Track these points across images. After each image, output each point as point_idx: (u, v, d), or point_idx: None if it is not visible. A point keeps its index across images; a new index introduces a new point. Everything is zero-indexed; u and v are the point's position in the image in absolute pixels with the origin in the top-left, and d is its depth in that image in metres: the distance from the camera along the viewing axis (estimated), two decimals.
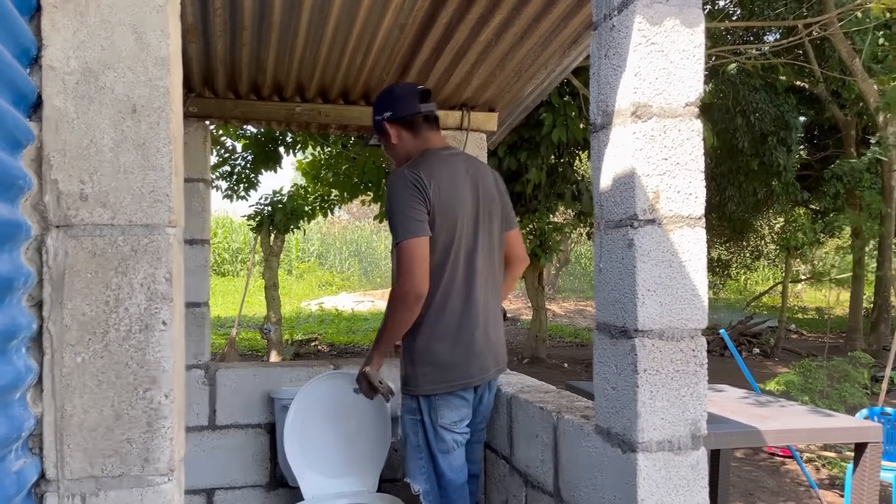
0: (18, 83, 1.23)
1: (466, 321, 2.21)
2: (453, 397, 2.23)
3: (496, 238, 2.36)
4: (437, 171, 2.21)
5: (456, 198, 2.21)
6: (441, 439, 2.24)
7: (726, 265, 18.23)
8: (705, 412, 1.68)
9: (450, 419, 2.24)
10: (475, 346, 2.23)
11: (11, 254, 1.23)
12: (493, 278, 2.34)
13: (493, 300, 2.33)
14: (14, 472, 1.19)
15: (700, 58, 1.64)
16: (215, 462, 3.15)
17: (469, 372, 2.23)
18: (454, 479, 2.27)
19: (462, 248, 2.22)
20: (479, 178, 2.32)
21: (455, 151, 2.37)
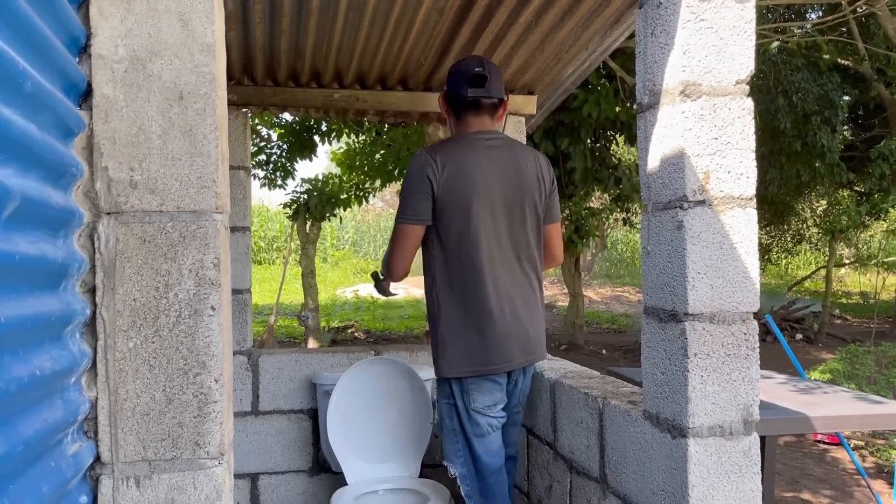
0: (69, 72, 1.24)
1: (484, 309, 2.20)
2: (485, 381, 2.23)
3: (530, 226, 2.29)
4: (455, 156, 2.20)
5: (472, 183, 2.18)
6: (475, 423, 2.24)
7: (767, 249, 17.87)
8: (757, 397, 1.64)
9: (483, 403, 2.24)
10: (494, 334, 2.20)
11: (66, 241, 1.24)
12: (521, 267, 2.28)
13: (520, 289, 2.27)
14: (70, 456, 1.21)
15: (751, 34, 1.59)
16: (259, 447, 3.20)
17: (488, 359, 2.21)
18: (490, 462, 2.27)
19: (481, 235, 2.19)
20: (515, 165, 2.27)
21: (492, 136, 2.29)
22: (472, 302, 2.20)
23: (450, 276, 2.22)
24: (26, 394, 1.01)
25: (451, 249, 2.21)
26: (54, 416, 1.13)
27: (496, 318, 2.20)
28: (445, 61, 2.97)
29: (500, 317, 2.21)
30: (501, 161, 2.25)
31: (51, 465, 1.12)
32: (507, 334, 2.22)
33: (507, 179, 2.24)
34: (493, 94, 2.26)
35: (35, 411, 1.06)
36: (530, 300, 2.31)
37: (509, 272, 2.25)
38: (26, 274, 1.04)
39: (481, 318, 2.20)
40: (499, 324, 2.21)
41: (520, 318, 2.25)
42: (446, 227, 2.20)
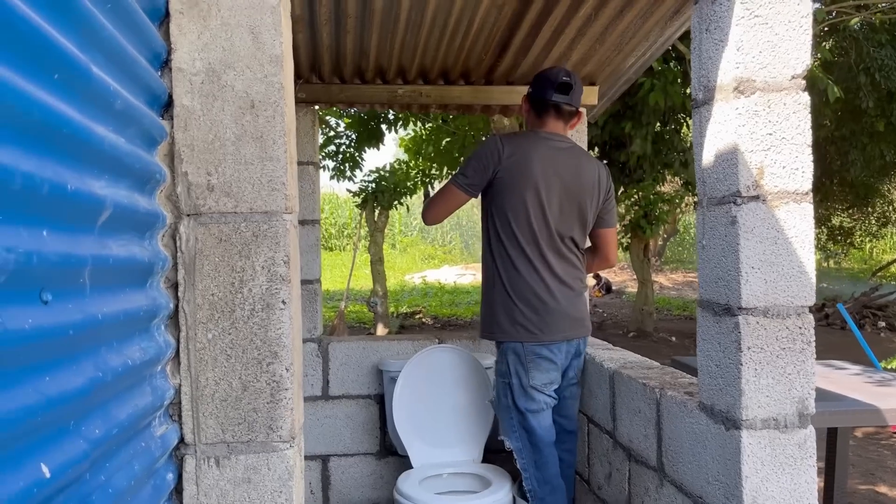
0: (152, 86, 1.36)
1: (535, 285, 2.40)
2: (542, 360, 2.41)
3: (578, 222, 2.49)
4: (523, 146, 2.43)
5: (530, 173, 2.39)
6: (531, 399, 2.42)
7: (849, 233, 17.17)
8: (813, 390, 1.65)
9: (540, 381, 2.42)
10: (545, 308, 2.40)
11: (151, 241, 1.36)
12: (566, 254, 2.47)
13: (565, 272, 2.46)
14: (158, 437, 1.33)
15: (807, 28, 1.59)
16: (329, 430, 3.34)
17: (539, 327, 2.40)
18: (544, 436, 2.44)
19: (532, 220, 2.39)
20: (575, 167, 2.46)
21: (561, 139, 2.49)
22: (523, 278, 2.40)
23: (502, 252, 2.44)
24: (120, 382, 1.12)
25: (505, 228, 2.43)
26: (144, 401, 1.25)
27: (543, 294, 2.40)
28: (506, 56, 3.01)
29: (547, 293, 2.40)
30: (563, 161, 2.44)
31: (141, 445, 1.24)
32: (555, 309, 2.41)
33: (565, 177, 2.43)
34: (573, 103, 2.46)
35: (127, 397, 1.18)
36: (573, 284, 2.48)
37: (556, 256, 2.43)
38: (119, 274, 1.16)
39: (531, 294, 2.40)
40: (548, 299, 2.40)
41: (566, 297, 2.44)
42: (501, 206, 2.43)
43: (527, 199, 2.39)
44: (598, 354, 2.73)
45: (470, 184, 2.45)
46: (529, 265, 2.40)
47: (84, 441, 0.96)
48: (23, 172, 0.80)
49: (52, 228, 0.90)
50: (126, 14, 1.20)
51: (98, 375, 1.02)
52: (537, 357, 2.41)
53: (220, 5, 1.43)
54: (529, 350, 2.41)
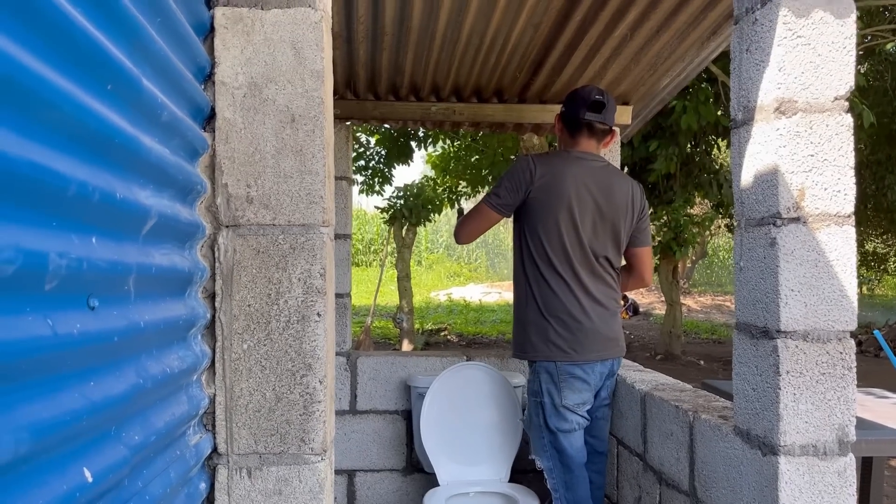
0: (196, 99, 1.38)
1: (568, 304, 2.38)
2: (575, 380, 2.39)
3: (612, 241, 2.47)
4: (555, 166, 2.42)
5: (563, 193, 2.38)
6: (563, 419, 2.39)
7: (883, 259, 16.85)
8: (853, 417, 1.61)
9: (573, 401, 2.40)
10: (579, 327, 2.38)
11: (191, 251, 1.38)
12: (600, 273, 2.45)
13: (599, 291, 2.44)
14: (193, 446, 1.34)
15: (851, 49, 1.57)
16: (356, 445, 3.33)
17: (573, 346, 2.38)
18: (575, 456, 2.42)
19: (566, 239, 2.39)
20: (609, 186, 2.45)
21: (594, 158, 2.49)
22: (557, 297, 2.39)
23: (535, 272, 2.43)
24: (159, 390, 1.14)
25: (538, 248, 2.42)
26: (180, 409, 1.26)
27: (577, 314, 2.38)
28: (540, 74, 3.02)
29: (581, 312, 2.39)
30: (597, 180, 2.43)
31: (177, 453, 1.25)
32: (589, 328, 2.39)
33: (599, 197, 2.42)
34: (606, 121, 2.45)
35: (165, 405, 1.19)
36: (607, 304, 2.46)
37: (590, 275, 2.42)
38: (160, 283, 1.17)
39: (565, 313, 2.39)
40: (582, 318, 2.39)
41: (600, 316, 2.42)
42: (534, 226, 2.42)
43: (560, 218, 2.39)
44: (630, 376, 2.70)
45: (503, 204, 2.45)
46: (563, 284, 2.39)
47: (125, 447, 0.97)
48: (77, 180, 0.81)
49: (101, 236, 0.92)
50: (174, 28, 1.23)
51: (139, 382, 1.03)
52: (570, 377, 2.39)
53: (263, 21, 1.45)
54: (563, 369, 2.39)
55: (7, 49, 0.66)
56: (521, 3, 2.40)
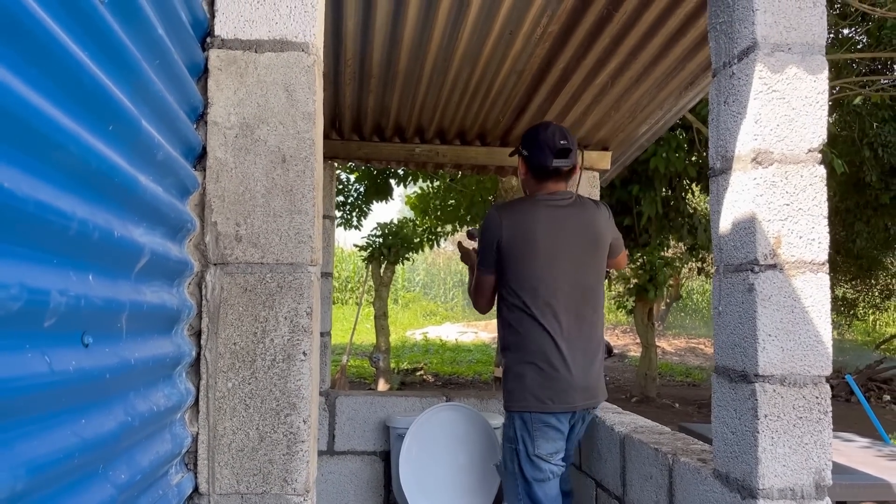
0: (189, 138, 1.40)
1: (546, 351, 2.34)
2: (549, 429, 2.33)
3: (594, 275, 2.45)
4: (522, 213, 2.42)
5: (532, 240, 2.37)
6: (537, 468, 2.34)
7: (852, 304, 17.15)
8: (830, 461, 1.64)
9: (546, 450, 2.34)
10: (556, 375, 2.33)
11: (179, 289, 1.38)
12: (584, 315, 2.41)
13: (582, 336, 2.40)
14: (174, 485, 1.33)
15: (823, 104, 1.64)
16: (334, 486, 3.29)
17: (549, 396, 2.33)
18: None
19: (543, 286, 2.36)
20: (583, 220, 2.44)
21: (563, 197, 2.45)
22: (537, 343, 2.35)
23: (513, 318, 2.41)
24: (145, 428, 1.13)
25: (514, 296, 2.40)
26: (164, 448, 1.25)
27: (560, 362, 2.33)
28: (523, 119, 3.08)
29: (559, 360, 2.33)
30: (569, 218, 2.42)
31: (159, 493, 1.23)
32: (569, 377, 2.33)
33: (574, 234, 2.40)
34: (574, 163, 2.44)
35: (150, 444, 1.18)
36: (591, 348, 2.41)
37: (573, 318, 2.38)
38: (150, 320, 1.18)
39: (545, 360, 2.34)
40: (560, 367, 2.33)
41: (579, 364, 2.36)
42: (508, 276, 2.41)
43: (535, 266, 2.37)
44: (609, 418, 2.71)
45: (487, 265, 2.46)
46: (542, 331, 2.35)
47: (111, 486, 0.97)
48: (79, 218, 0.82)
49: (97, 273, 0.93)
50: (171, 70, 1.25)
51: (127, 420, 1.03)
52: (544, 425, 2.33)
53: (257, 63, 1.48)
54: (537, 418, 2.34)
55: (21, 91, 0.68)
56: (506, 50, 2.47)
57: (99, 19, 0.89)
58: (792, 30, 1.64)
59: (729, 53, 1.74)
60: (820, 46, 1.65)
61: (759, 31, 1.63)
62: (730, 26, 1.74)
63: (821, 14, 1.66)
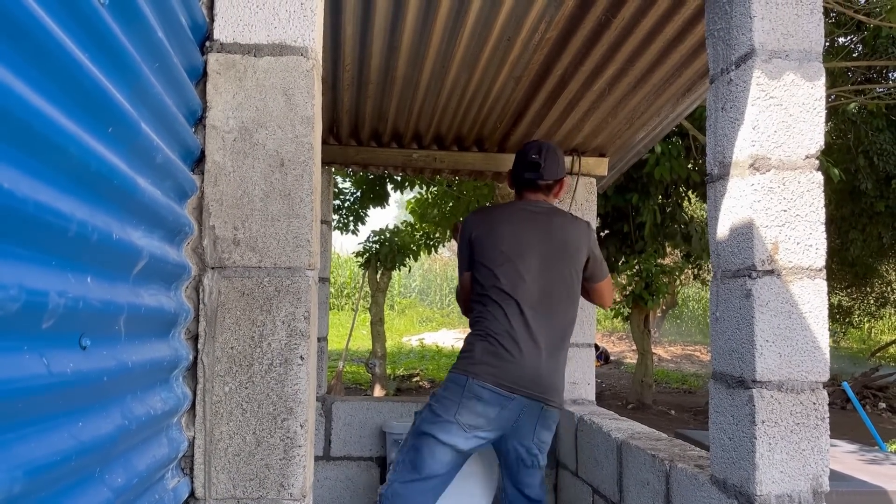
0: (187, 141, 1.40)
1: (500, 332, 2.42)
2: (478, 402, 2.35)
3: (563, 282, 2.50)
4: (492, 216, 2.58)
5: (498, 240, 2.50)
6: (444, 430, 2.35)
7: (848, 312, 17.20)
8: (827, 468, 1.64)
9: (465, 419, 2.36)
10: (505, 355, 2.38)
11: (176, 293, 1.38)
12: (549, 320, 2.46)
13: (545, 336, 2.44)
14: (171, 490, 1.32)
15: (821, 111, 1.64)
16: (329, 492, 3.28)
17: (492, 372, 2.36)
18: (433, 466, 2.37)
19: (505, 278, 2.45)
20: (551, 229, 2.51)
21: (536, 205, 2.56)
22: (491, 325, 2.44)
23: (478, 305, 2.52)
24: (142, 431, 1.13)
25: (482, 295, 2.50)
26: (161, 452, 1.24)
27: (507, 344, 2.40)
28: (520, 125, 3.09)
29: (511, 344, 2.40)
30: (538, 225, 2.51)
31: (155, 497, 1.23)
32: (515, 360, 2.38)
33: (542, 241, 2.49)
34: (545, 178, 2.53)
35: (146, 448, 1.18)
36: (553, 349, 2.45)
37: (536, 316, 2.44)
38: (148, 323, 1.17)
39: (503, 340, 2.40)
40: (511, 349, 2.39)
41: (532, 355, 2.40)
42: (477, 277, 2.54)
43: (499, 259, 2.48)
44: (606, 424, 2.71)
45: (464, 267, 2.61)
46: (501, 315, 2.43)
47: (108, 489, 0.96)
48: (78, 220, 0.82)
49: (96, 275, 0.92)
50: (170, 73, 1.25)
51: (125, 424, 1.02)
52: (474, 396, 2.36)
53: (255, 67, 1.48)
54: (470, 385, 2.36)
55: (21, 92, 0.68)
56: (504, 56, 2.47)
57: (99, 21, 0.89)
58: (789, 37, 1.65)
59: (727, 60, 1.74)
60: (817, 53, 1.66)
61: (757, 38, 1.64)
62: (727, 33, 1.74)
63: (818, 21, 1.67)
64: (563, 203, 3.36)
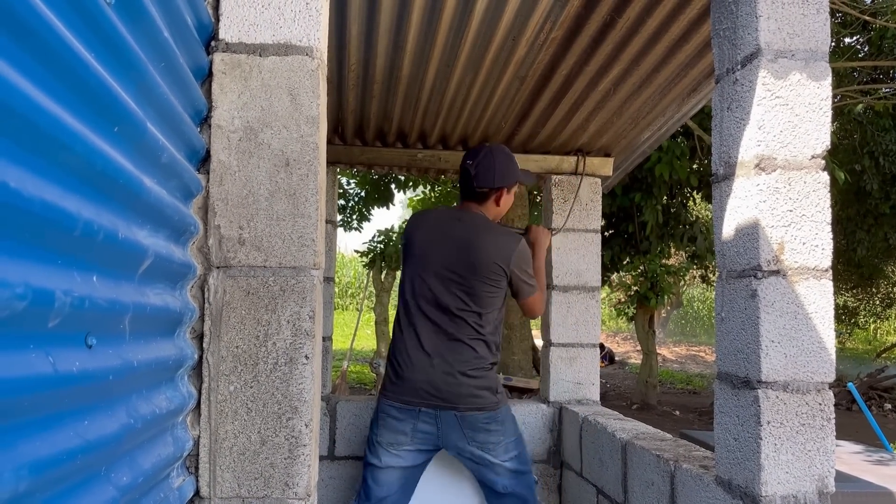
0: (193, 141, 1.40)
1: (398, 350, 2.53)
2: (390, 419, 2.50)
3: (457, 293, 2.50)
4: (420, 220, 2.66)
5: (414, 244, 2.57)
6: (374, 454, 2.54)
7: (853, 313, 17.16)
8: (833, 469, 1.63)
9: (385, 438, 2.52)
10: (400, 372, 2.50)
11: (182, 292, 1.38)
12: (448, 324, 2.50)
13: (440, 347, 2.50)
14: (176, 489, 1.33)
15: (827, 110, 1.64)
16: (333, 492, 3.28)
17: (392, 389, 2.51)
18: (377, 492, 2.52)
19: (414, 288, 2.54)
20: (466, 242, 2.52)
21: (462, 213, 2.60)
22: (399, 341, 2.55)
23: (396, 316, 2.63)
24: (147, 430, 1.13)
25: (399, 295, 2.63)
26: (166, 451, 1.24)
27: (402, 360, 2.51)
28: (525, 125, 3.09)
29: (406, 360, 2.50)
30: (453, 234, 2.54)
31: (161, 496, 1.23)
32: (407, 376, 2.49)
33: (451, 252, 2.52)
34: (475, 185, 2.56)
35: (152, 447, 1.18)
36: (447, 358, 2.49)
37: (431, 328, 2.51)
38: (153, 322, 1.18)
39: (399, 356, 2.53)
40: (405, 366, 2.50)
41: (422, 367, 2.48)
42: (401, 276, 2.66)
43: (410, 268, 2.57)
44: (610, 424, 2.71)
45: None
46: (400, 332, 2.55)
47: (113, 488, 0.97)
48: (84, 219, 0.82)
49: (101, 274, 0.93)
50: (176, 73, 1.26)
51: (130, 422, 1.03)
52: (386, 415, 2.51)
53: (261, 67, 1.48)
54: (382, 407, 2.52)
55: (27, 91, 0.68)
56: (509, 56, 2.47)
57: (105, 21, 0.89)
58: (795, 36, 1.65)
59: (732, 60, 1.74)
60: (823, 53, 1.66)
61: (763, 38, 1.64)
62: (733, 33, 1.74)
63: (824, 21, 1.66)
64: (567, 203, 3.36)
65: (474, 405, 2.49)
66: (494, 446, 2.52)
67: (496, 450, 2.52)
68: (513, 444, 2.55)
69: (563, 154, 3.36)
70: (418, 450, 2.53)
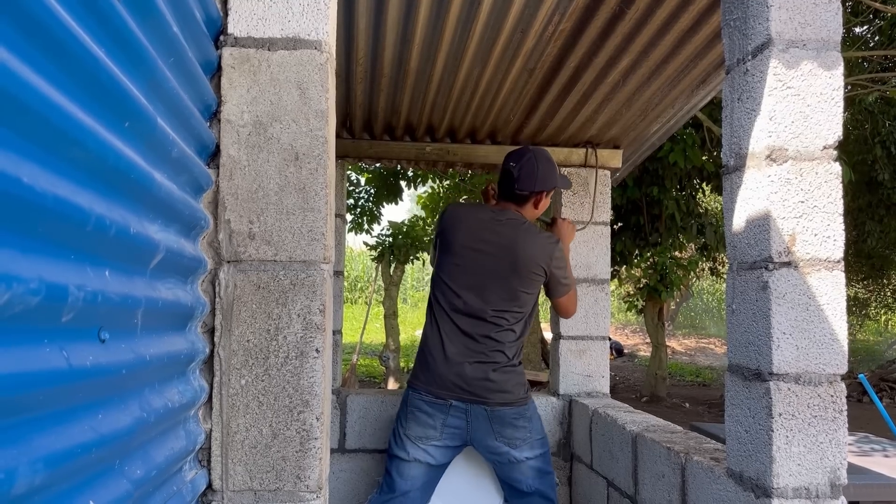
0: (202, 136, 1.40)
1: (432, 343, 2.55)
2: (420, 413, 2.50)
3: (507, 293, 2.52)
4: (459, 216, 2.61)
5: (455, 239, 2.56)
6: (402, 448, 2.53)
7: (864, 304, 17.05)
8: (845, 460, 1.63)
9: (414, 432, 2.52)
10: (433, 365, 2.52)
11: (192, 286, 1.39)
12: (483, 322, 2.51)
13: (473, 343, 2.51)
14: (188, 482, 1.33)
15: (839, 101, 1.62)
16: (345, 484, 3.30)
17: (423, 380, 2.52)
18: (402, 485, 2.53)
19: (448, 284, 2.55)
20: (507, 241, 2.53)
21: (502, 213, 2.59)
22: (431, 335, 2.57)
23: (428, 310, 2.64)
24: (160, 424, 1.13)
25: (433, 289, 2.63)
26: (179, 444, 1.25)
27: (436, 354, 2.52)
28: (533, 117, 3.08)
29: (439, 353, 2.52)
30: (494, 235, 2.55)
31: (173, 489, 1.24)
32: (440, 369, 2.50)
33: (491, 252, 2.53)
34: (517, 188, 2.57)
35: (164, 440, 1.19)
36: (481, 353, 2.51)
37: (470, 323, 2.52)
38: (165, 317, 1.18)
39: (433, 350, 2.54)
40: (439, 359, 2.51)
41: (457, 360, 2.50)
42: (435, 270, 2.64)
43: (447, 264, 2.55)
44: (620, 417, 2.71)
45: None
46: (434, 325, 2.55)
47: (127, 481, 0.97)
48: (96, 215, 0.83)
49: (114, 269, 0.93)
50: (185, 68, 1.26)
51: (143, 416, 1.03)
52: (415, 408, 2.52)
53: (270, 62, 1.48)
54: (412, 399, 2.53)
55: (39, 87, 0.68)
56: (517, 48, 2.46)
57: (116, 17, 0.90)
58: (807, 26, 1.63)
59: (743, 50, 1.73)
60: (835, 42, 1.64)
61: (774, 28, 1.62)
62: (744, 22, 1.73)
63: (836, 10, 1.65)
64: (581, 196, 3.35)
65: (504, 400, 2.51)
66: (521, 442, 2.54)
67: (522, 446, 2.54)
68: (538, 443, 2.58)
69: (571, 146, 3.35)
70: (446, 446, 2.54)
